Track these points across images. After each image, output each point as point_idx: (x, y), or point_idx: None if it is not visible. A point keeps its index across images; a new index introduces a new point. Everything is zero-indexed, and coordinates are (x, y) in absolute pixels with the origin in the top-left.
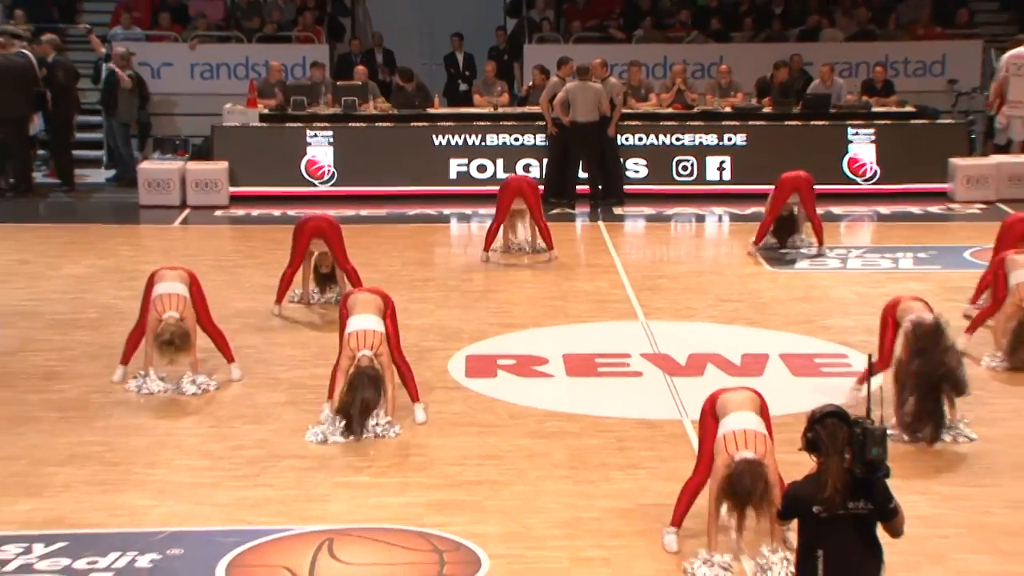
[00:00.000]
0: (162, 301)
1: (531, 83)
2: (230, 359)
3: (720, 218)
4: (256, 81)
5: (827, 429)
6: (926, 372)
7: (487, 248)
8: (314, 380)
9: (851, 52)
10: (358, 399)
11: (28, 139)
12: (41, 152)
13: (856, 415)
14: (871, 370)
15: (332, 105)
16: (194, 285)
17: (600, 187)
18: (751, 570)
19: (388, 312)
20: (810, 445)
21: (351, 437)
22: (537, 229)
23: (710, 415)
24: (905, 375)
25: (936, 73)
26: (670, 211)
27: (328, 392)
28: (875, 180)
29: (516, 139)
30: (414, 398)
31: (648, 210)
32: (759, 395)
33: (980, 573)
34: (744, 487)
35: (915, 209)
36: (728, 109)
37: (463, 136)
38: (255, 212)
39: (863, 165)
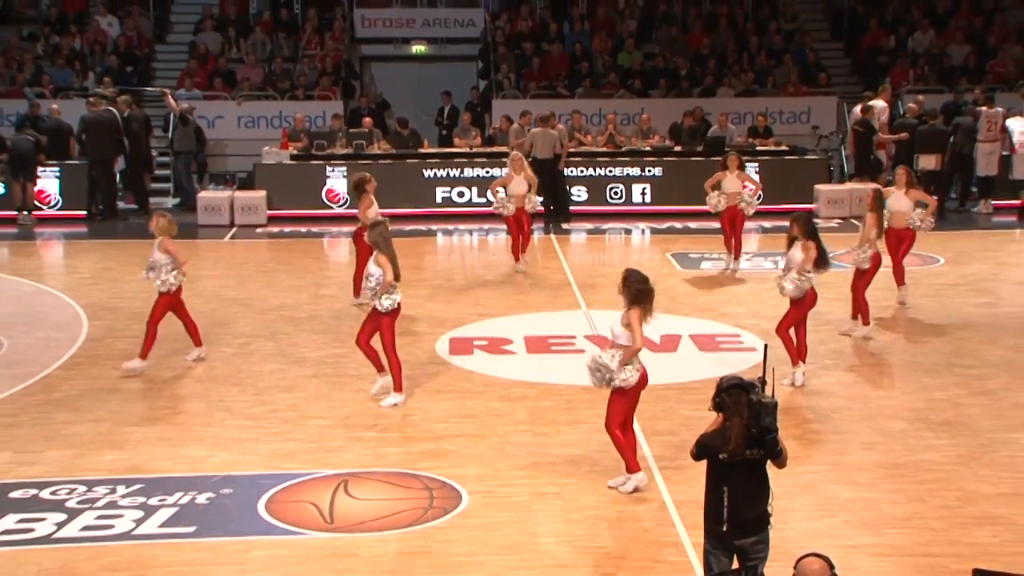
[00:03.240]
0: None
1: (498, 127)
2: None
3: (643, 231)
4: (287, 129)
5: (731, 396)
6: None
7: (517, 259)
8: (333, 359)
9: (740, 105)
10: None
11: (113, 175)
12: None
13: (754, 379)
14: (766, 355)
15: (346, 147)
16: None
17: (552, 208)
18: None
19: None
20: (718, 407)
21: None
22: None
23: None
24: None
25: (803, 121)
26: (605, 226)
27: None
28: (760, 201)
29: (487, 172)
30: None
31: (588, 225)
32: None
33: (840, 499)
34: None
35: None
36: (648, 148)
37: (446, 170)
38: (287, 229)
39: (751, 190)
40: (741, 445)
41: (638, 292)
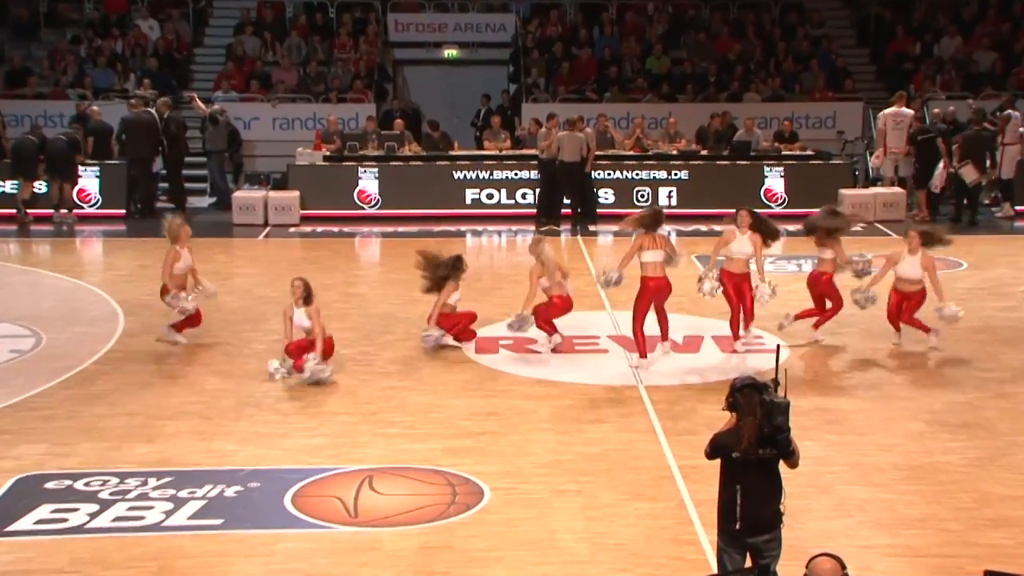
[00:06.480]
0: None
1: (527, 130)
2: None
3: (668, 233)
4: (321, 131)
5: (744, 396)
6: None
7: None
8: (361, 356)
9: (766, 110)
10: None
11: (152, 174)
12: (161, 184)
13: (767, 381)
14: (778, 356)
15: (377, 148)
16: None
17: (579, 210)
18: None
19: None
20: (732, 407)
21: None
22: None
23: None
24: None
25: (829, 126)
26: (631, 229)
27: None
28: (784, 205)
29: (516, 174)
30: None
31: (614, 228)
32: None
33: (856, 499)
34: None
35: None
36: (675, 152)
37: (476, 172)
38: (319, 229)
39: (775, 194)
40: (753, 444)
41: None
